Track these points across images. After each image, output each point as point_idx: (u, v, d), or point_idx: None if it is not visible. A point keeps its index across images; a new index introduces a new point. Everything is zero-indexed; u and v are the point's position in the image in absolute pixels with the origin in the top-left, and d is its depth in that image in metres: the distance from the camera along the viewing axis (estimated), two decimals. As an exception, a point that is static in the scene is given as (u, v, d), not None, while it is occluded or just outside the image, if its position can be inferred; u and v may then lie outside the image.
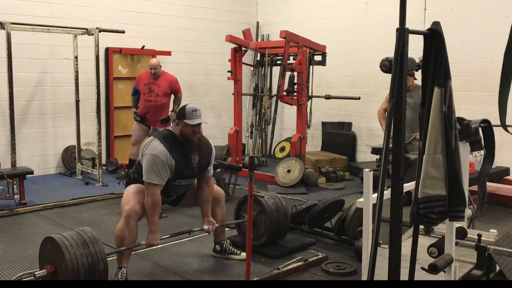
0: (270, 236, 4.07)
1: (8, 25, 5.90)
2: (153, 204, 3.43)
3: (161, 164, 3.40)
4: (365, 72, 7.98)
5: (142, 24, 8.04)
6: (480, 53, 6.72)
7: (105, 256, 3.11)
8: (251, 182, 3.17)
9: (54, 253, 3.05)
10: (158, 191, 3.44)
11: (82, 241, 3.05)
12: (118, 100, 7.75)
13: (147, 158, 3.42)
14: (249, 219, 3.22)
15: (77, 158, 7.04)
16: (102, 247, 3.12)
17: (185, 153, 3.53)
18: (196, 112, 3.50)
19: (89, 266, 2.99)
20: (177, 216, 5.12)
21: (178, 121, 3.53)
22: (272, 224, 4.03)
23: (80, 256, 2.97)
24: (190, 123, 3.46)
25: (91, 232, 3.18)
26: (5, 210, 5.27)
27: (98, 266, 3.03)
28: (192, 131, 3.49)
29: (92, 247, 3.05)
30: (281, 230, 4.14)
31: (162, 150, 3.41)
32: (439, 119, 1.99)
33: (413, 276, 2.14)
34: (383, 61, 2.04)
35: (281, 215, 4.10)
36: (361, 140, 8.29)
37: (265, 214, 4.03)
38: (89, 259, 2.99)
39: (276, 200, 4.15)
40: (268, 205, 4.05)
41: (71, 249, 2.97)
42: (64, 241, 3.01)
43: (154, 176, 3.40)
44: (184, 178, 3.62)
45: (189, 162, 3.57)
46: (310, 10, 8.84)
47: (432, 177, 2.01)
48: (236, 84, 7.50)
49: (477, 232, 3.55)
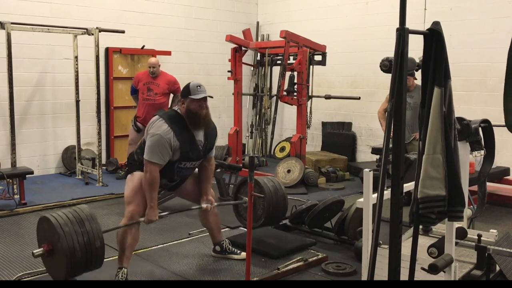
0: (268, 218, 4.04)
1: (8, 25, 5.90)
2: (152, 180, 3.40)
3: (163, 144, 3.36)
4: (365, 72, 7.98)
5: (142, 24, 8.04)
6: (480, 53, 6.72)
7: (101, 233, 3.06)
8: (251, 182, 3.17)
9: (50, 232, 3.03)
10: (157, 169, 3.41)
11: (78, 219, 3.01)
12: (118, 100, 7.75)
13: (150, 137, 3.40)
14: (249, 220, 3.22)
15: (77, 158, 7.04)
16: (98, 224, 3.07)
17: (190, 134, 3.49)
18: (200, 87, 3.48)
19: (85, 244, 2.96)
20: (177, 216, 5.12)
21: (183, 100, 3.48)
22: (270, 206, 4.00)
23: (76, 234, 2.94)
24: (196, 98, 3.43)
25: (87, 210, 3.13)
26: (5, 210, 5.27)
27: (94, 243, 2.99)
28: (198, 106, 3.45)
29: (88, 225, 3.01)
30: (278, 212, 4.11)
31: (166, 130, 3.38)
32: (439, 119, 1.99)
33: (413, 276, 2.14)
34: (383, 61, 2.04)
35: (280, 197, 4.08)
36: (361, 140, 8.29)
37: (264, 196, 3.99)
38: (85, 238, 2.96)
39: (275, 183, 4.14)
40: (267, 187, 4.02)
41: (66, 228, 2.93)
42: (59, 220, 2.98)
43: (155, 156, 3.37)
44: (189, 160, 3.57)
45: (194, 144, 3.53)
46: (310, 10, 8.84)
47: (431, 177, 2.01)
48: (236, 84, 7.50)
49: (477, 232, 3.55)
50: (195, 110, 3.46)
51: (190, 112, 3.47)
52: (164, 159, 3.41)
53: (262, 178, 4.14)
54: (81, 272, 3.07)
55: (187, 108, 3.47)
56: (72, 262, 2.94)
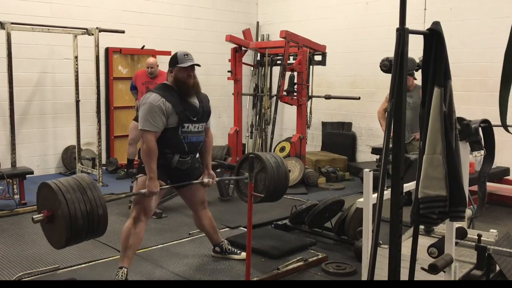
0: (267, 194, 3.94)
1: (8, 25, 5.90)
2: (149, 150, 3.36)
3: (154, 110, 3.34)
4: (365, 72, 7.98)
5: (142, 24, 8.04)
6: (480, 53, 6.72)
7: (104, 201, 2.99)
8: (251, 182, 3.17)
9: (50, 199, 2.95)
10: (153, 138, 3.37)
11: (79, 186, 2.94)
12: (118, 100, 7.75)
13: (141, 108, 3.40)
14: (249, 219, 3.22)
15: (77, 158, 7.04)
16: (100, 192, 3.00)
17: (181, 96, 3.46)
18: (188, 56, 3.47)
19: (87, 211, 2.87)
20: (177, 216, 5.12)
21: (171, 69, 3.47)
22: (271, 183, 3.92)
23: (77, 201, 2.86)
24: (183, 66, 3.43)
25: (88, 178, 3.06)
26: (5, 210, 5.27)
27: (97, 211, 2.91)
28: (186, 75, 3.45)
29: (90, 193, 2.93)
30: (279, 189, 4.02)
31: (154, 97, 3.37)
32: (439, 119, 1.99)
33: (413, 276, 2.14)
34: (383, 61, 2.04)
35: (281, 174, 4.00)
36: (361, 140, 8.29)
37: (266, 172, 3.92)
38: (87, 205, 2.88)
39: (277, 159, 4.07)
40: (269, 163, 3.95)
41: (68, 194, 2.85)
42: (60, 186, 2.90)
43: (147, 123, 3.34)
44: (191, 121, 3.50)
45: (189, 103, 3.50)
46: (310, 10, 8.84)
47: (432, 178, 2.01)
48: (236, 84, 7.50)
49: (477, 232, 3.55)
50: (183, 79, 3.45)
51: (178, 81, 3.46)
52: (157, 125, 3.36)
53: (265, 154, 4.06)
54: (82, 239, 2.97)
55: (175, 77, 3.46)
56: (73, 229, 2.84)
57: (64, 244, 2.95)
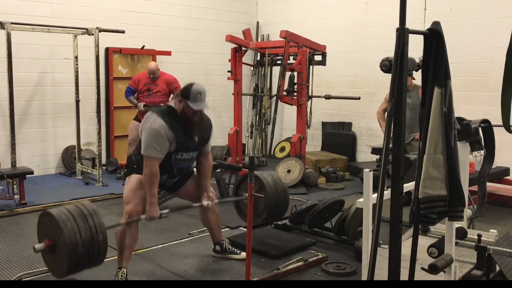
0: (269, 212, 3.97)
1: (8, 25, 5.90)
2: (151, 176, 3.36)
3: (159, 137, 3.33)
4: (365, 72, 7.98)
5: (142, 24, 8.04)
6: (480, 53, 6.72)
7: (105, 228, 2.99)
8: (251, 182, 3.17)
9: (52, 227, 2.96)
10: (156, 164, 3.38)
11: (80, 214, 2.95)
12: (118, 100, 7.74)
13: (145, 132, 3.38)
14: (249, 220, 3.22)
15: (77, 158, 7.04)
16: (101, 219, 3.00)
17: (184, 128, 3.47)
18: (201, 95, 3.38)
19: (87, 239, 2.89)
20: (177, 216, 5.12)
21: (180, 99, 3.42)
22: (272, 200, 3.94)
23: (78, 229, 2.87)
24: (192, 107, 3.38)
25: (90, 205, 3.06)
26: (5, 210, 5.27)
27: (97, 238, 2.93)
28: (193, 113, 3.42)
29: (90, 220, 2.94)
30: (280, 205, 4.04)
31: (160, 124, 3.34)
32: (439, 119, 1.99)
33: (413, 276, 2.14)
34: (383, 61, 2.04)
35: (280, 190, 4.02)
36: (361, 140, 8.29)
37: (265, 191, 3.92)
38: (87, 234, 2.89)
39: (274, 177, 4.08)
40: (267, 182, 3.96)
41: (69, 223, 2.87)
42: (61, 215, 2.92)
43: (152, 149, 3.34)
44: (186, 150, 3.53)
45: (190, 134, 3.52)
46: (310, 10, 8.84)
47: (432, 177, 2.01)
48: (236, 84, 7.49)
49: (477, 232, 3.55)
50: (188, 116, 3.43)
51: (185, 115, 3.44)
52: (161, 152, 3.37)
53: (262, 173, 4.07)
54: (82, 268, 3.00)
55: (182, 110, 3.44)
56: (73, 258, 2.86)
57: (66, 273, 2.96)
